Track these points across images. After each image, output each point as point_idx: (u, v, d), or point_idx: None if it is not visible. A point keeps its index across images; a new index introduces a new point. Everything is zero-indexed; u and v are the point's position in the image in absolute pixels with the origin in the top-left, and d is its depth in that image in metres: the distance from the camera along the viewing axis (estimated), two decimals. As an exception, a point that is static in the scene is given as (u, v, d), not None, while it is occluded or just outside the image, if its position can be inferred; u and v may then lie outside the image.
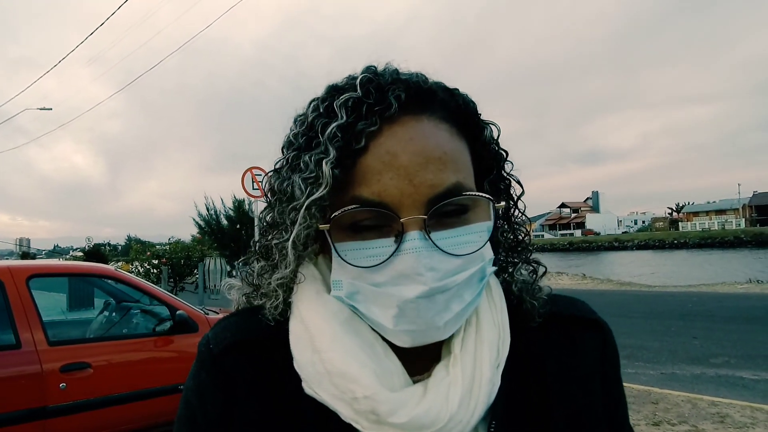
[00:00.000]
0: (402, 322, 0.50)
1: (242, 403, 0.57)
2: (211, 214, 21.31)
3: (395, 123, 0.52)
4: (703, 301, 11.52)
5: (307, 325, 0.55)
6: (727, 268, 26.97)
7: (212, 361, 0.59)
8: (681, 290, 14.77)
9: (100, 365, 3.61)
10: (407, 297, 0.49)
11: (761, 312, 9.66)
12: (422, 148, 0.51)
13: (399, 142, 0.51)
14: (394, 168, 0.50)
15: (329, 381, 0.52)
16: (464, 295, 0.52)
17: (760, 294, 12.48)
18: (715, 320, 9.15)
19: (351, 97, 0.52)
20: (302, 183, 0.52)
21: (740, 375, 5.81)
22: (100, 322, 4.41)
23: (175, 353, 3.97)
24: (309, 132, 0.54)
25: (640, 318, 9.77)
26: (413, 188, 0.50)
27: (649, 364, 6.45)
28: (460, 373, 0.53)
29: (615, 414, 0.63)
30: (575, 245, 72.81)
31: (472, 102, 0.58)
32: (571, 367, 0.61)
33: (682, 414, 4.49)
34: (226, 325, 0.62)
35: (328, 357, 0.52)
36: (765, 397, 5.03)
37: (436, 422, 0.50)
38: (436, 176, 0.51)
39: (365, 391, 0.50)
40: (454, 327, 0.53)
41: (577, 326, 0.63)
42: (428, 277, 0.49)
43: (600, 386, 0.62)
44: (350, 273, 0.52)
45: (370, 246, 0.51)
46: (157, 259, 16.77)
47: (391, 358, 0.54)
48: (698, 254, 46.64)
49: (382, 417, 0.50)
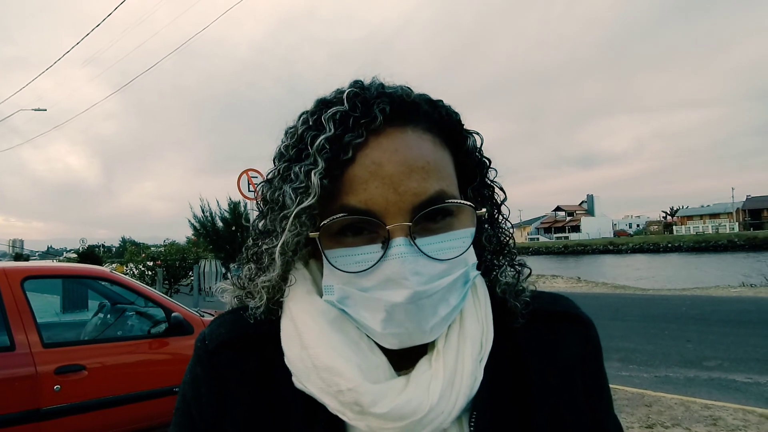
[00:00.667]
0: (390, 326, 0.53)
1: (235, 397, 0.60)
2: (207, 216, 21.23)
3: (381, 135, 0.55)
4: (697, 305, 11.58)
5: (296, 323, 0.58)
6: (720, 271, 27.12)
7: (207, 356, 0.62)
8: (675, 293, 14.83)
9: (94, 367, 3.60)
10: (395, 301, 0.52)
11: (754, 315, 9.72)
12: (406, 158, 0.54)
13: (384, 153, 0.54)
14: (380, 177, 0.53)
15: (317, 375, 0.54)
16: (450, 299, 0.55)
17: (753, 297, 12.55)
18: (709, 323, 9.19)
19: (338, 111, 0.54)
20: (292, 192, 0.54)
21: (733, 378, 5.84)
22: (94, 324, 4.39)
23: (170, 355, 3.96)
24: (299, 144, 0.56)
25: (635, 321, 9.81)
26: (398, 196, 0.52)
27: (643, 367, 6.48)
28: (441, 367, 0.56)
29: (598, 405, 0.65)
30: (570, 248, 73.00)
31: (455, 113, 0.61)
32: (552, 360, 0.63)
33: (675, 417, 4.51)
34: (222, 322, 0.65)
35: (315, 352, 0.55)
36: (758, 399, 5.07)
37: (416, 412, 0.53)
38: (419, 185, 0.53)
39: (348, 384, 0.53)
40: (439, 330, 0.55)
41: (560, 321, 0.66)
42: (413, 281, 0.51)
43: (581, 379, 0.64)
44: (340, 278, 0.55)
45: (358, 252, 0.54)
46: (152, 261, 16.72)
47: (377, 354, 0.57)
48: (692, 258, 46.89)
49: (364, 408, 0.52)
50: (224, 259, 17.16)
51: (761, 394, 5.26)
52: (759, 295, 12.88)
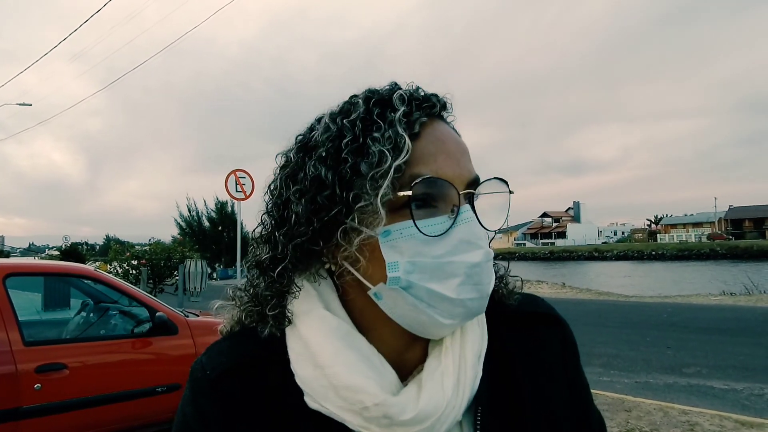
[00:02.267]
0: (464, 291, 0.55)
1: (248, 426, 0.59)
2: (193, 215, 21.14)
3: (435, 120, 0.61)
4: (678, 312, 11.74)
5: (308, 342, 0.58)
6: (702, 279, 27.52)
7: (210, 386, 0.60)
8: (657, 301, 15.02)
9: (76, 366, 3.56)
10: (473, 261, 0.55)
11: (733, 323, 9.88)
12: (459, 141, 0.62)
13: (443, 133, 0.60)
14: (445, 152, 0.58)
15: (335, 394, 0.55)
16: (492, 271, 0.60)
17: (732, 306, 12.75)
18: (689, 331, 9.33)
19: (406, 92, 0.60)
20: (386, 151, 0.54)
21: (711, 384, 5.94)
22: (77, 323, 4.34)
23: (153, 355, 3.94)
24: (366, 119, 0.57)
25: (617, 327, 9.93)
26: (460, 170, 0.58)
27: (624, 372, 6.57)
28: (451, 362, 0.59)
29: (581, 399, 0.70)
30: (556, 254, 73.55)
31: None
32: (538, 360, 0.67)
33: (654, 422, 4.59)
34: (220, 349, 0.64)
35: (332, 372, 0.56)
36: (734, 406, 5.17)
37: (437, 410, 0.56)
38: (470, 165, 0.60)
39: (375, 400, 0.54)
40: (486, 302, 0.58)
41: (540, 322, 0.71)
42: (485, 242, 0.57)
43: (563, 374, 0.69)
44: (407, 252, 0.55)
45: (429, 223, 0.55)
46: (136, 260, 16.51)
47: (386, 367, 0.59)
48: (675, 265, 47.50)
49: (394, 419, 0.55)
50: (210, 258, 17.04)
51: (738, 400, 5.36)
52: (738, 304, 13.09)
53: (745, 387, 5.79)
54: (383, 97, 0.59)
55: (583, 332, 9.40)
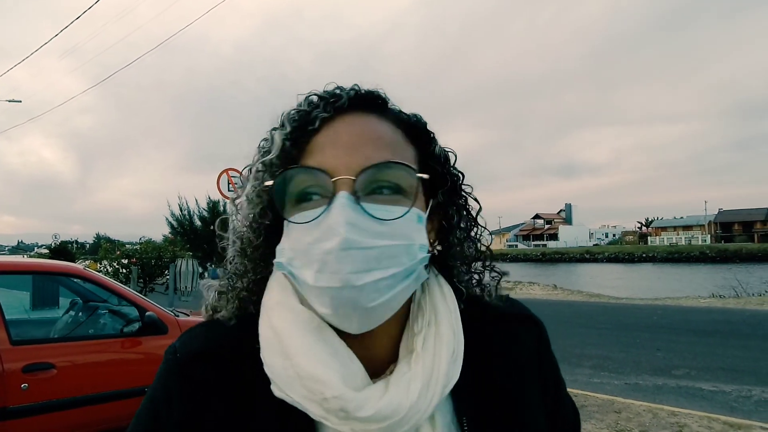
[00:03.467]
0: (321, 278, 0.54)
1: (210, 410, 0.60)
2: (185, 214, 20.97)
3: (346, 114, 0.61)
4: (668, 314, 11.83)
5: (278, 333, 0.59)
6: (691, 282, 27.76)
7: (179, 368, 0.62)
8: (647, 303, 15.12)
9: (64, 366, 3.53)
10: (327, 248, 0.54)
11: (722, 326, 9.98)
12: (363, 130, 0.60)
13: (344, 125, 0.60)
14: (337, 143, 0.59)
15: (300, 384, 0.56)
16: (387, 265, 0.55)
17: (721, 308, 12.87)
18: (679, 333, 9.41)
19: (313, 93, 0.63)
20: (259, 149, 0.63)
21: (700, 386, 6.00)
22: (65, 322, 4.31)
23: (143, 355, 3.91)
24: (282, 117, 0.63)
25: (607, 329, 9.98)
26: (349, 158, 0.57)
27: (614, 374, 6.60)
28: (421, 368, 0.59)
29: (556, 395, 0.75)
30: (548, 256, 73.90)
31: (425, 122, 0.67)
32: (512, 359, 0.70)
33: (643, 423, 4.62)
34: (193, 335, 0.66)
35: (298, 362, 0.57)
36: (722, 407, 5.21)
37: (397, 412, 0.56)
38: (373, 151, 0.58)
39: (333, 392, 0.55)
40: (376, 296, 0.54)
41: (516, 323, 0.73)
42: (346, 228, 0.53)
43: (539, 373, 0.72)
44: (292, 239, 0.58)
45: (310, 213, 0.56)
46: (126, 259, 16.38)
47: (354, 362, 0.59)
48: (665, 268, 47.89)
49: (350, 413, 0.55)
50: (201, 258, 16.95)
51: (726, 402, 5.41)
52: (727, 307, 13.20)
53: (733, 389, 5.84)
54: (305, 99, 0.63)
55: (574, 334, 9.45)
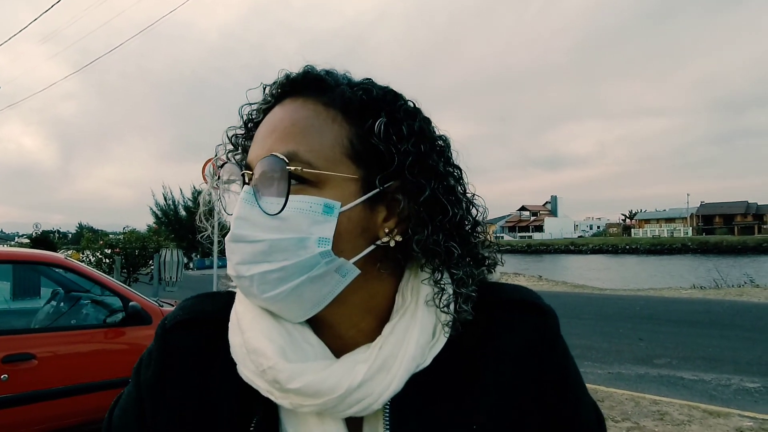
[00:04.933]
0: (228, 267, 0.58)
1: (178, 374, 0.62)
2: (169, 204, 20.81)
3: (280, 102, 0.61)
4: (650, 305, 12.03)
5: (237, 312, 0.62)
6: (673, 273, 28.24)
7: (162, 334, 0.65)
8: (630, 294, 15.36)
9: (45, 356, 3.48)
10: (226, 239, 0.57)
11: (702, 316, 10.17)
12: (275, 120, 0.59)
13: (270, 116, 0.60)
14: (257, 136, 0.60)
15: (249, 359, 0.57)
16: (277, 258, 0.54)
17: (702, 299, 13.11)
18: (660, 323, 9.58)
19: (265, 85, 0.63)
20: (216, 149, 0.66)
21: (680, 375, 6.11)
22: (46, 312, 4.24)
23: (126, 345, 3.86)
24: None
25: (591, 319, 10.12)
26: (258, 151, 0.58)
27: (597, 363, 6.70)
28: (376, 352, 0.57)
29: (562, 393, 0.64)
30: (533, 247, 74.57)
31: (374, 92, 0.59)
32: (504, 345, 0.62)
33: (626, 412, 4.70)
34: (183, 305, 0.68)
35: (247, 337, 0.58)
36: (702, 396, 5.32)
37: (333, 390, 0.54)
38: (275, 143, 0.57)
39: (268, 362, 0.55)
40: (268, 288, 0.55)
41: (516, 309, 0.65)
42: (235, 223, 0.56)
43: (538, 367, 0.62)
44: None
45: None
46: (110, 249, 16.18)
47: (309, 339, 0.59)
48: (648, 259, 48.66)
49: (282, 384, 0.54)
50: (186, 248, 16.80)
51: (706, 390, 5.53)
52: (707, 297, 13.45)
53: (713, 378, 5.96)
54: None
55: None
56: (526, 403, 0.61)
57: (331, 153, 0.56)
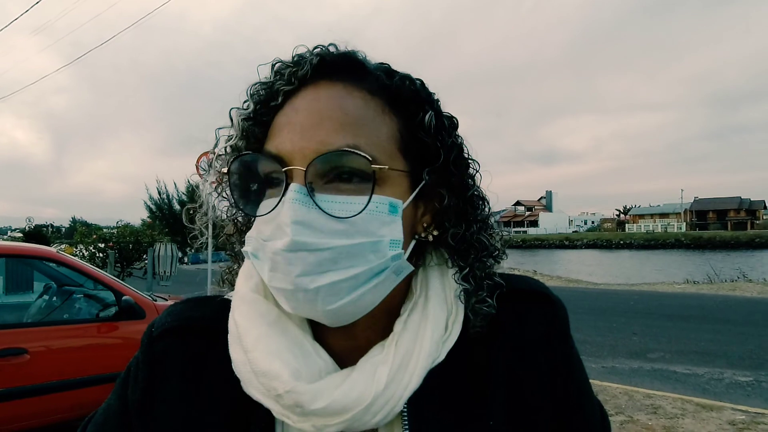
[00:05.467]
0: (274, 279, 0.50)
1: (169, 385, 0.58)
2: (163, 198, 20.74)
3: (310, 85, 0.54)
4: (644, 300, 12.09)
5: (238, 326, 0.56)
6: (667, 268, 28.41)
7: (149, 342, 0.61)
8: (624, 288, 15.44)
9: (38, 351, 3.45)
10: (275, 248, 0.49)
11: (695, 311, 10.23)
12: (321, 107, 0.52)
13: (304, 101, 0.53)
14: (293, 123, 0.52)
15: (257, 381, 0.52)
16: (347, 265, 0.50)
17: (695, 294, 13.19)
18: (654, 317, 9.63)
19: (278, 61, 0.56)
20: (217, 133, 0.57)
21: (674, 369, 6.15)
22: (39, 307, 4.21)
23: (120, 340, 3.84)
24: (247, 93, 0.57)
25: (585, 314, 10.16)
26: (304, 143, 0.50)
27: (592, 358, 6.73)
28: (393, 351, 0.54)
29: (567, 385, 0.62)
30: (528, 242, 74.81)
31: (415, 83, 0.57)
32: (514, 337, 0.60)
33: (619, 405, 4.72)
34: (171, 311, 0.63)
35: (253, 357, 0.53)
36: (695, 389, 5.36)
37: (360, 401, 0.51)
38: (329, 134, 0.50)
39: (286, 387, 0.50)
40: (334, 299, 0.50)
41: (526, 300, 0.63)
42: (293, 229, 0.48)
43: (546, 357, 0.60)
44: (256, 229, 0.54)
45: (268, 203, 0.52)
46: (103, 243, 16.07)
47: (321, 354, 0.55)
48: (642, 254, 48.91)
49: (305, 408, 0.50)
50: (181, 242, 16.74)
51: (698, 384, 5.56)
52: (701, 292, 13.55)
53: (705, 371, 6.00)
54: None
55: None
56: (538, 396, 0.59)
57: (389, 147, 0.54)
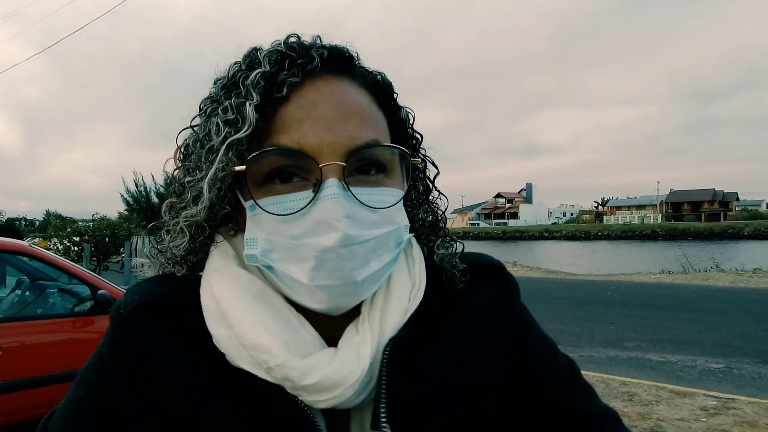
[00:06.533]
0: (318, 276, 0.50)
1: (156, 363, 0.55)
2: (141, 190, 20.35)
3: (317, 78, 0.54)
4: (621, 290, 12.32)
5: (219, 301, 0.54)
6: (643, 259, 28.97)
7: (123, 324, 0.57)
8: (602, 279, 15.71)
9: (10, 347, 3.40)
10: (325, 245, 0.49)
11: (670, 300, 10.48)
12: (343, 101, 0.53)
13: (320, 95, 0.53)
14: (315, 118, 0.51)
15: (246, 353, 0.52)
16: (381, 254, 0.53)
17: (670, 284, 13.50)
18: (630, 307, 9.83)
19: (276, 49, 0.53)
20: (222, 124, 0.51)
21: (649, 357, 6.30)
22: (11, 302, 4.12)
23: (96, 334, 3.78)
24: (230, 84, 0.54)
25: (564, 304, 10.33)
26: (333, 137, 0.51)
27: (570, 347, 6.84)
28: (368, 329, 0.55)
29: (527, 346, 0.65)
30: (508, 234, 75.57)
31: (391, 83, 0.61)
32: (470, 304, 0.64)
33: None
34: (136, 289, 0.60)
35: (240, 331, 0.52)
36: (669, 377, 5.50)
37: (348, 379, 0.52)
38: (355, 129, 0.52)
39: (276, 360, 0.50)
40: (371, 287, 0.54)
41: (482, 272, 0.67)
42: (345, 224, 0.49)
43: (503, 323, 0.64)
44: (266, 229, 0.52)
45: (287, 199, 0.51)
46: (78, 236, 15.76)
47: (306, 328, 0.55)
48: (619, 245, 49.78)
49: (296, 383, 0.51)
50: (159, 236, 16.45)
51: (672, 372, 5.71)
52: (675, 282, 13.86)
53: (679, 359, 6.16)
54: (257, 56, 0.54)
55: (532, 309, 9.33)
56: (493, 357, 0.62)
57: (388, 140, 0.57)
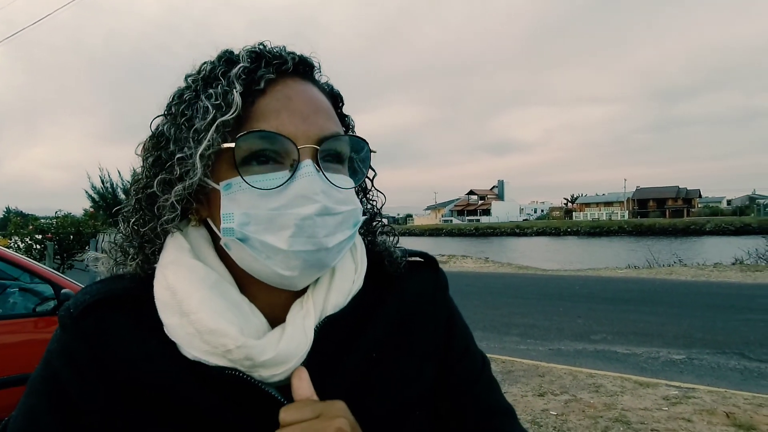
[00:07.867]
0: (297, 243, 0.57)
1: (115, 360, 0.57)
2: (107, 186, 19.82)
3: (288, 78, 0.61)
4: (589, 284, 12.64)
5: (175, 291, 0.58)
6: (610, 254, 29.70)
7: (73, 323, 0.59)
8: (570, 274, 16.06)
9: (-33, 349, 3.25)
10: (305, 214, 0.56)
11: (636, 294, 10.79)
12: (312, 98, 0.62)
13: (294, 91, 0.61)
14: (291, 109, 0.59)
15: (200, 339, 0.56)
16: (345, 228, 0.61)
17: (636, 278, 13.90)
18: (597, 301, 10.09)
19: (254, 49, 0.61)
20: (211, 107, 0.56)
21: (615, 350, 6.48)
22: (-32, 302, 3.96)
23: (59, 335, 3.67)
24: (209, 76, 0.60)
25: (534, 299, 10.53)
26: (306, 127, 0.59)
27: (539, 341, 6.99)
28: (312, 305, 0.62)
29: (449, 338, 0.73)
30: (481, 230, 76.42)
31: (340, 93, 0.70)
32: (407, 289, 0.72)
33: (564, 385, 4.93)
34: (86, 290, 0.62)
35: (197, 318, 0.56)
36: (633, 368, 5.67)
37: (298, 351, 0.58)
38: (324, 122, 0.61)
39: (236, 342, 0.56)
40: (336, 256, 0.61)
41: (415, 262, 0.76)
42: (322, 197, 0.57)
43: (431, 308, 0.73)
44: (243, 204, 0.57)
45: (267, 177, 0.57)
46: (41, 234, 15.25)
47: (257, 315, 0.61)
48: (588, 241, 50.97)
49: (255, 360, 0.56)
50: (127, 233, 16.01)
51: (637, 363, 5.89)
52: (641, 276, 14.28)
53: (643, 351, 6.36)
54: (234, 55, 0.61)
55: (504, 304, 9.90)
56: (423, 339, 0.70)
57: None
